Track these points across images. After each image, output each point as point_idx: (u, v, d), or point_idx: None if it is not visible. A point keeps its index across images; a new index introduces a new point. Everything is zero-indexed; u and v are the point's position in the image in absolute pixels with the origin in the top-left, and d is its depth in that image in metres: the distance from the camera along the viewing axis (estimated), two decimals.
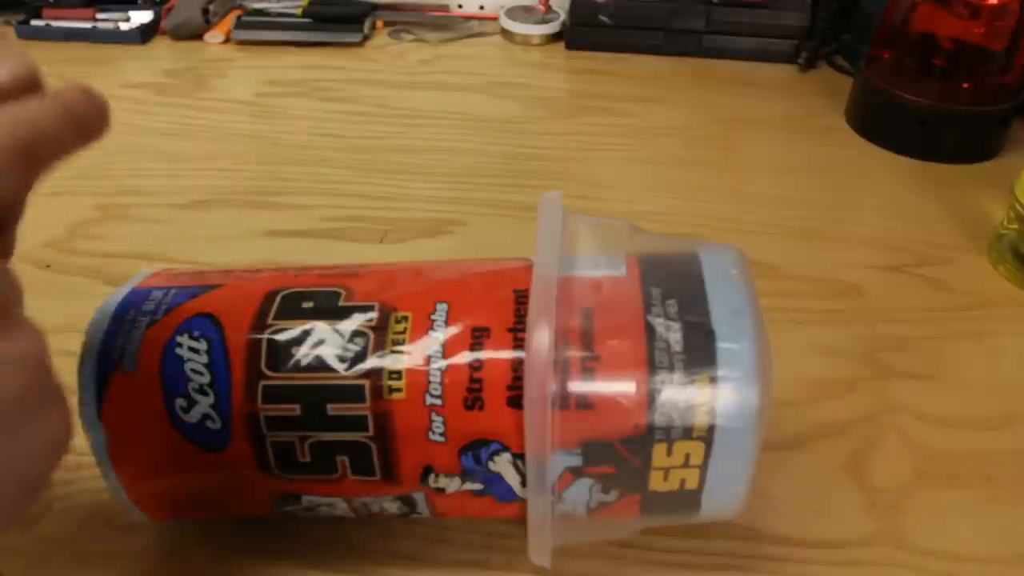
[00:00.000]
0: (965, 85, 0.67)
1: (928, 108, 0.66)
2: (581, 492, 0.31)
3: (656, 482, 0.30)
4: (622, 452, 0.30)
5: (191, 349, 0.32)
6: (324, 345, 0.32)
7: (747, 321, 0.30)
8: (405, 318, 0.32)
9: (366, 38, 0.86)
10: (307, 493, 0.33)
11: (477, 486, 0.32)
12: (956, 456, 0.43)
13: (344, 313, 0.32)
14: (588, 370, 0.30)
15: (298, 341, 0.32)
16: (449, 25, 0.88)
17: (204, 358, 0.32)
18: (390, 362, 0.31)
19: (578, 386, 0.30)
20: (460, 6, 0.90)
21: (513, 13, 0.86)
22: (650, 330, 0.30)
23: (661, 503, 0.31)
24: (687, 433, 0.29)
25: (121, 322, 0.33)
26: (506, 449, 0.31)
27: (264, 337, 0.32)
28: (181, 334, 0.32)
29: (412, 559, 0.37)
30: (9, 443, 0.21)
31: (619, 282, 0.32)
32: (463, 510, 0.34)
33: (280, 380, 0.31)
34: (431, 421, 0.31)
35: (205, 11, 0.84)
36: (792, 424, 0.44)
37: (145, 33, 0.84)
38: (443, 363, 0.31)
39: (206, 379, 0.32)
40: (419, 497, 0.33)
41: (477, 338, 0.31)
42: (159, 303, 0.34)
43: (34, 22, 0.84)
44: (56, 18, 0.84)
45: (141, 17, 0.84)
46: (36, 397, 0.22)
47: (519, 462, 0.31)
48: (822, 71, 0.82)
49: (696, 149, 0.69)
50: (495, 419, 0.31)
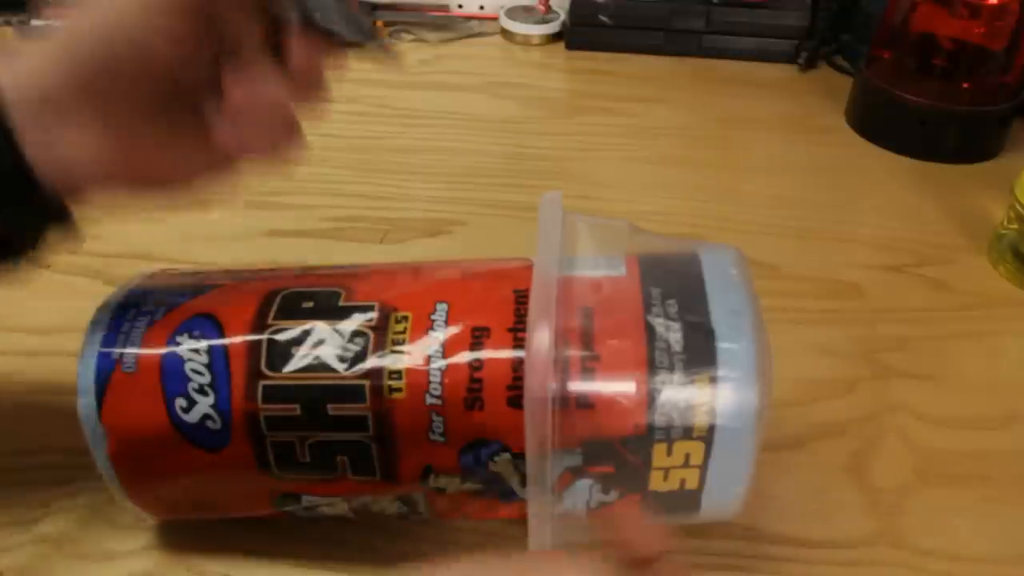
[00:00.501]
0: (965, 85, 0.67)
1: (928, 108, 0.66)
2: (581, 492, 0.31)
3: (656, 482, 0.31)
4: (622, 452, 0.30)
5: (191, 349, 0.32)
6: (324, 345, 0.32)
7: (747, 321, 0.30)
8: (405, 318, 0.32)
9: None
10: (307, 493, 0.33)
11: (477, 486, 0.32)
12: (956, 456, 0.43)
13: (344, 313, 0.32)
14: (588, 370, 0.30)
15: (298, 341, 0.32)
16: (449, 25, 0.88)
17: (204, 358, 0.32)
18: (390, 362, 0.31)
19: (578, 386, 0.30)
20: (460, 6, 0.90)
21: (513, 13, 0.86)
22: (650, 330, 0.30)
23: (661, 503, 0.31)
24: (687, 433, 0.29)
25: (121, 322, 0.33)
26: (506, 449, 0.31)
27: (264, 337, 0.32)
28: (181, 334, 0.32)
29: (412, 559, 0.37)
30: None
31: (619, 282, 0.32)
32: (463, 510, 0.34)
33: (280, 380, 0.31)
34: (431, 421, 0.31)
35: None
36: (792, 424, 0.44)
37: None
38: (443, 363, 0.31)
39: (206, 379, 0.32)
40: (419, 497, 0.33)
41: (477, 338, 0.31)
42: (159, 303, 0.34)
43: (34, 22, 0.84)
44: (56, 18, 0.84)
45: None
46: None
47: (519, 462, 0.31)
48: (822, 71, 0.82)
49: (696, 149, 0.69)
50: (495, 419, 0.31)
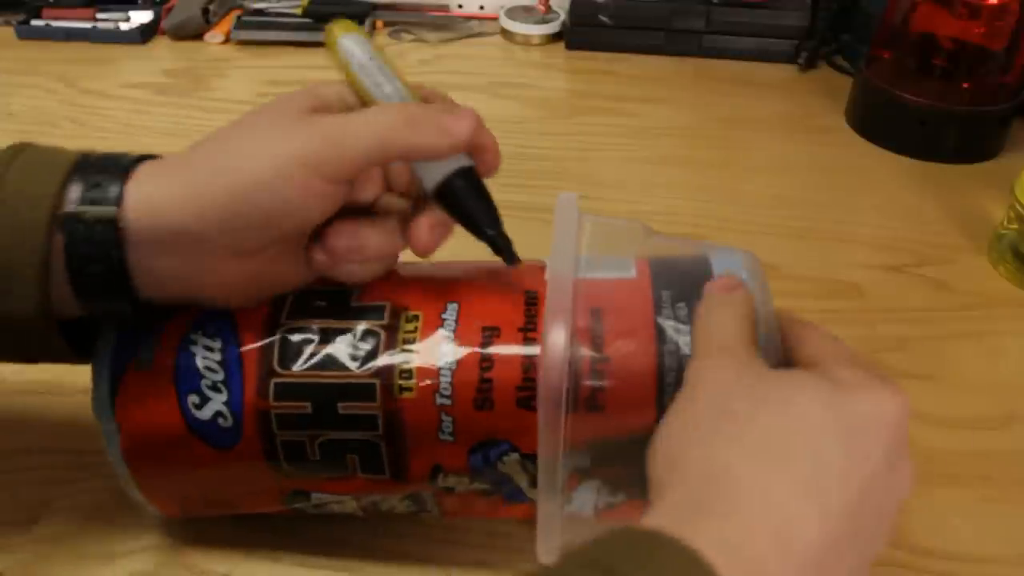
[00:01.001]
0: (965, 85, 0.67)
1: (928, 108, 0.66)
2: (589, 493, 0.31)
3: None
4: (630, 454, 0.30)
5: (205, 346, 0.32)
6: (335, 344, 0.32)
7: (759, 321, 0.31)
8: (416, 317, 0.32)
9: None
10: (317, 491, 0.34)
11: (486, 486, 0.32)
12: (956, 456, 0.43)
13: (356, 312, 0.33)
14: (598, 372, 0.30)
15: (310, 340, 0.32)
16: (449, 25, 0.88)
17: (218, 355, 0.32)
18: (400, 361, 0.31)
19: (587, 388, 0.30)
20: (460, 6, 0.90)
21: (513, 13, 0.86)
22: (660, 332, 0.30)
23: None
24: None
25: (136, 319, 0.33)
26: (515, 450, 0.31)
27: (277, 335, 0.32)
28: (195, 331, 0.33)
29: (415, 559, 0.37)
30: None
31: (629, 284, 0.32)
32: (472, 510, 0.34)
33: (292, 378, 0.31)
34: (441, 421, 0.31)
35: (205, 11, 0.84)
36: None
37: (145, 33, 0.84)
38: (453, 363, 0.31)
39: (219, 376, 0.32)
40: (428, 496, 0.33)
41: (487, 338, 0.31)
42: None
43: (34, 22, 0.84)
44: (56, 18, 0.84)
45: (141, 17, 0.84)
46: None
47: (528, 463, 0.31)
48: (822, 71, 0.82)
49: (696, 149, 0.69)
50: (505, 419, 0.31)
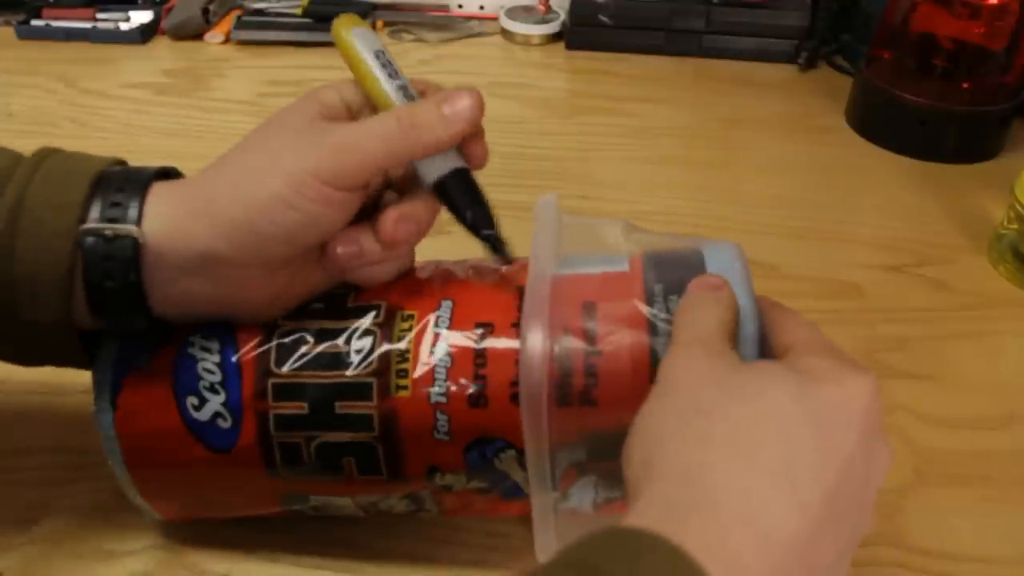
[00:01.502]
0: (965, 85, 0.67)
1: (928, 108, 0.66)
2: (587, 488, 0.31)
3: None
4: None
5: (204, 348, 0.32)
6: (332, 343, 0.32)
7: (748, 316, 0.31)
8: (411, 316, 0.32)
9: None
10: (315, 493, 0.34)
11: (483, 484, 0.32)
12: (956, 456, 0.43)
13: (352, 313, 0.33)
14: (590, 366, 0.30)
15: (306, 340, 0.32)
16: (449, 25, 0.88)
17: (216, 357, 0.32)
18: (396, 359, 0.31)
19: (580, 382, 0.30)
20: (460, 6, 0.90)
21: (513, 13, 0.86)
22: (652, 326, 0.30)
23: None
24: None
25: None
26: (511, 447, 0.31)
27: (274, 336, 0.32)
28: (194, 333, 0.33)
29: (415, 559, 0.37)
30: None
31: (622, 278, 0.32)
32: (470, 507, 0.34)
33: (289, 378, 0.32)
34: (436, 419, 0.31)
35: (205, 11, 0.84)
36: None
37: (145, 33, 0.84)
38: (447, 360, 0.31)
39: (217, 377, 0.32)
40: (426, 495, 0.33)
41: (481, 335, 0.31)
42: None
43: (34, 22, 0.84)
44: (56, 18, 0.84)
45: (141, 17, 0.84)
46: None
47: (524, 459, 0.31)
48: (822, 71, 0.82)
49: (696, 149, 0.69)
50: (499, 416, 0.31)
